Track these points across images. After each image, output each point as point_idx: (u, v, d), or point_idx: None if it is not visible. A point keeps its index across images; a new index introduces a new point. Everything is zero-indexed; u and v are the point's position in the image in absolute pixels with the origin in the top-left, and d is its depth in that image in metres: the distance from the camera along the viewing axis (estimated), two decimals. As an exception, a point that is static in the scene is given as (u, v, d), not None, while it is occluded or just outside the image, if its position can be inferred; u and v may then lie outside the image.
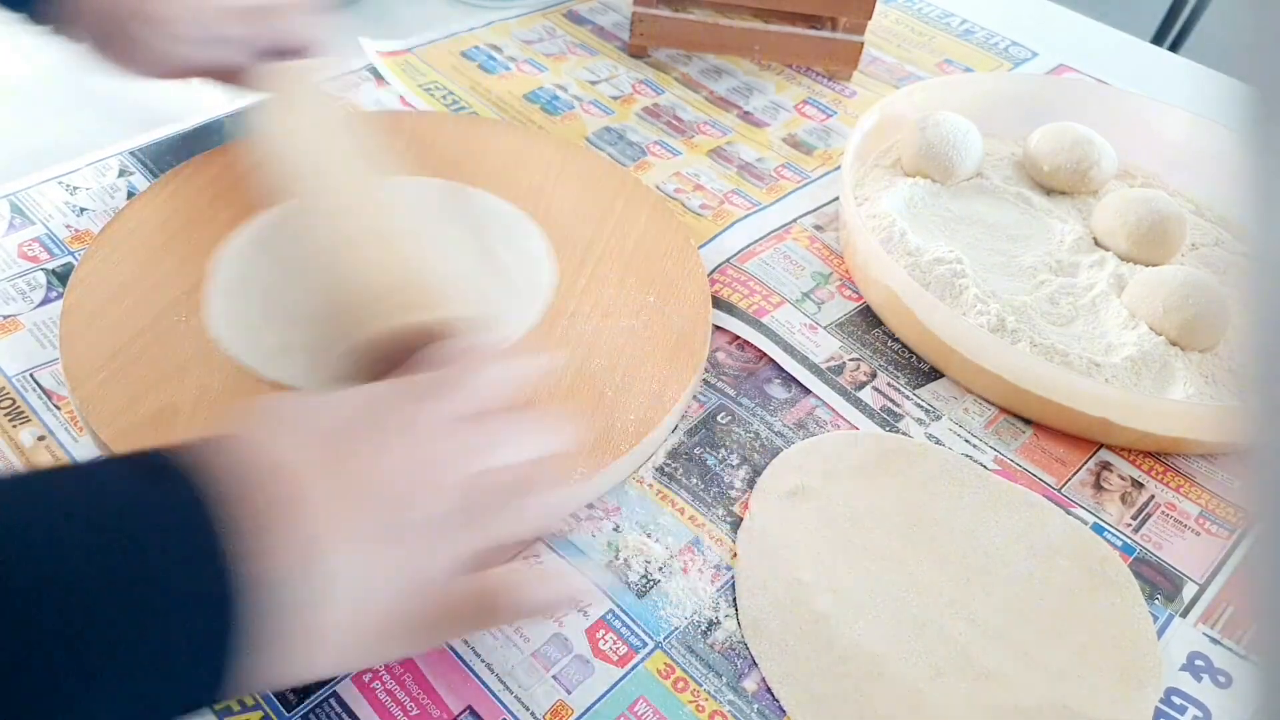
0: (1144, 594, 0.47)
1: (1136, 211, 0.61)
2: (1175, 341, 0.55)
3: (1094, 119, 0.68)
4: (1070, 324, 0.57)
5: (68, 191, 0.61)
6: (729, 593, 0.45)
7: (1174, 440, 0.52)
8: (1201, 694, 0.44)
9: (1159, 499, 0.51)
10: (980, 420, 0.54)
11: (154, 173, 0.62)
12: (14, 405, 0.49)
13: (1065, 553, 0.48)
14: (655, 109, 0.73)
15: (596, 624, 0.43)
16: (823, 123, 0.74)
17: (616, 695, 0.41)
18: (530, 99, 0.73)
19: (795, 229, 0.64)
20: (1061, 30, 0.89)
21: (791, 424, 0.53)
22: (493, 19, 0.81)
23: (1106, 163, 0.66)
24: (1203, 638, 0.46)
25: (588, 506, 0.48)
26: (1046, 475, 0.52)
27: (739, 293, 0.59)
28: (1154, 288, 0.57)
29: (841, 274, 0.61)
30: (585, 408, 0.49)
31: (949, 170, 0.64)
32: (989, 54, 0.84)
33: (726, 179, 0.68)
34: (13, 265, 0.56)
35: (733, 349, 0.56)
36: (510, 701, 0.40)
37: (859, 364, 0.56)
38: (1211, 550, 0.49)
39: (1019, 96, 0.71)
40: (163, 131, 0.65)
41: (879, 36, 0.84)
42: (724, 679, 0.42)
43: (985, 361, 0.53)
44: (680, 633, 0.44)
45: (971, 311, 0.56)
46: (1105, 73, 0.82)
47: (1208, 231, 0.66)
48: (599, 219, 0.60)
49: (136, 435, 0.46)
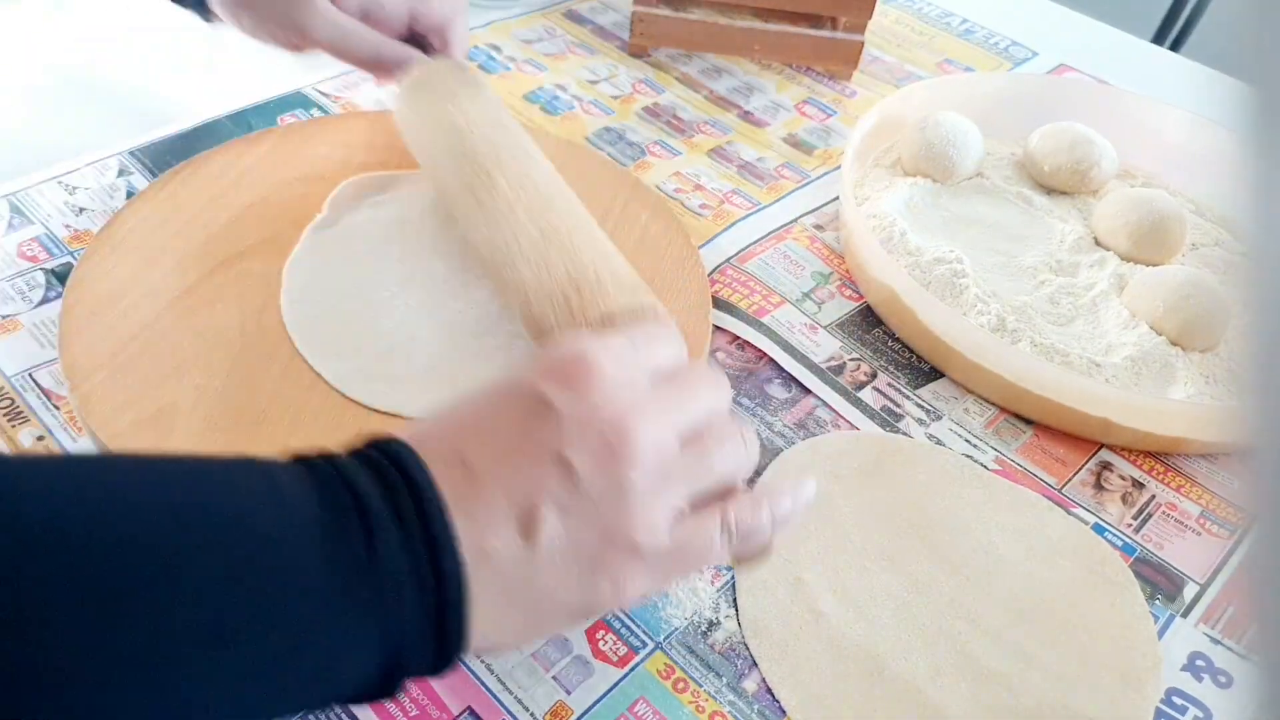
0: (1145, 594, 0.47)
1: (1137, 211, 0.61)
2: (1176, 341, 0.55)
3: (1094, 119, 0.68)
4: (1070, 324, 0.57)
5: (67, 191, 0.61)
6: (729, 593, 0.45)
7: (1174, 440, 0.52)
8: (1202, 694, 0.43)
9: (1160, 499, 0.51)
10: (981, 420, 0.54)
11: (153, 172, 0.62)
12: (13, 405, 0.49)
13: (1066, 553, 0.48)
14: (655, 109, 0.73)
15: (596, 624, 0.43)
16: (823, 122, 0.74)
17: (616, 696, 0.41)
18: (530, 99, 0.73)
19: (795, 229, 0.64)
20: (1061, 30, 0.89)
21: (792, 424, 0.52)
22: (492, 19, 0.81)
23: (1107, 163, 0.66)
24: (1203, 638, 0.46)
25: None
26: (1047, 475, 0.52)
27: (739, 293, 0.59)
28: (1154, 288, 0.57)
29: (842, 274, 0.61)
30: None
31: (949, 170, 0.64)
32: (989, 54, 0.84)
33: (726, 179, 0.68)
34: (12, 265, 0.56)
35: (733, 349, 0.56)
36: (510, 702, 0.40)
37: (859, 364, 0.56)
38: (1212, 550, 0.49)
39: (1019, 96, 0.71)
40: (162, 131, 0.65)
41: (879, 36, 0.84)
42: (724, 679, 0.42)
43: (986, 361, 0.53)
44: (680, 633, 0.43)
45: (972, 311, 0.56)
46: (1105, 73, 0.82)
47: (1208, 231, 0.66)
48: (599, 219, 0.60)
49: (135, 435, 0.46)
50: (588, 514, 0.33)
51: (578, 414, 0.34)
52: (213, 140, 0.64)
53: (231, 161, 0.60)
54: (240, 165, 0.60)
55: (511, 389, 0.35)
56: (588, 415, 0.34)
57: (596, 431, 0.33)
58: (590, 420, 0.34)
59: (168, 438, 0.46)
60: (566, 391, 0.34)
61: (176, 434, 0.46)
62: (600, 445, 0.33)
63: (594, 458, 0.33)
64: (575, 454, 0.33)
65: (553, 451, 0.33)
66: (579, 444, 0.33)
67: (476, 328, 0.53)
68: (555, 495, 0.33)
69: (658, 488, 0.34)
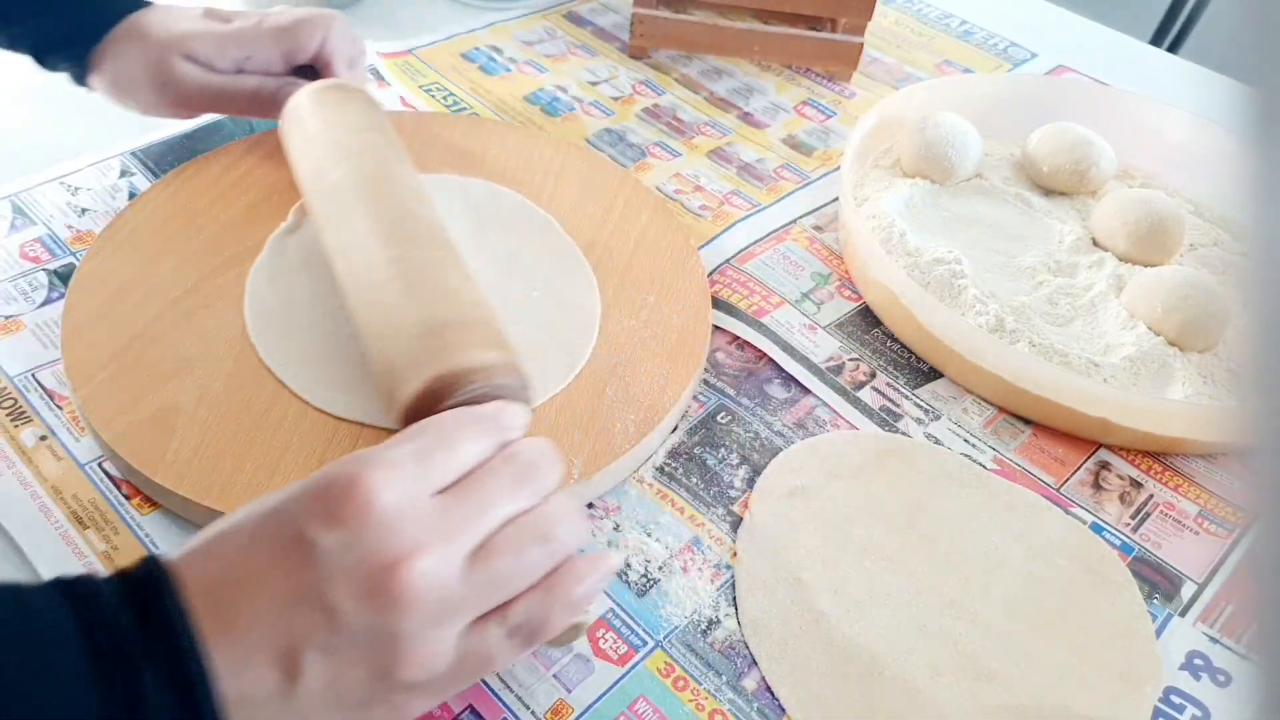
0: (1143, 593, 0.47)
1: (1135, 212, 0.61)
2: (1174, 341, 0.56)
3: (1093, 119, 0.68)
4: (1069, 324, 0.57)
5: (69, 192, 0.61)
6: (729, 592, 0.45)
7: (1173, 440, 0.52)
8: (1200, 693, 0.44)
9: (1158, 498, 0.52)
10: (979, 420, 0.54)
11: (155, 173, 0.62)
12: (16, 405, 0.49)
13: (1064, 552, 0.48)
14: (655, 110, 0.73)
15: (597, 623, 0.43)
16: (822, 123, 0.74)
17: (617, 694, 0.41)
18: (531, 100, 0.73)
19: (795, 229, 0.65)
20: (1061, 31, 0.89)
21: (791, 424, 0.53)
22: (493, 20, 0.81)
23: (1105, 163, 0.66)
24: (1202, 637, 0.46)
25: (588, 506, 0.48)
26: (1045, 475, 0.52)
27: (739, 293, 0.59)
28: (1153, 288, 0.57)
29: (841, 274, 0.62)
30: (585, 407, 0.49)
31: (948, 171, 0.64)
32: (988, 55, 0.84)
33: (726, 180, 0.68)
34: (14, 266, 0.56)
35: (732, 349, 0.56)
36: (511, 701, 0.41)
37: (858, 364, 0.56)
38: (1210, 549, 0.50)
39: (1018, 97, 0.71)
40: (164, 132, 0.65)
41: (878, 37, 0.84)
42: (724, 678, 0.42)
43: (984, 361, 0.53)
44: (680, 632, 0.44)
45: (970, 312, 0.56)
46: (1104, 73, 0.82)
47: (1207, 232, 0.66)
48: (599, 220, 0.60)
49: (138, 435, 0.46)
50: (355, 656, 0.32)
51: (343, 557, 0.32)
52: (215, 141, 0.65)
53: (233, 163, 0.60)
54: (242, 166, 0.60)
55: (275, 522, 0.33)
56: (353, 559, 0.32)
57: (363, 575, 0.31)
58: (356, 564, 0.32)
59: (169, 438, 0.46)
60: (333, 530, 0.32)
61: (178, 434, 0.46)
62: (367, 590, 0.31)
63: (360, 603, 0.31)
64: (340, 599, 0.31)
65: (316, 595, 0.31)
66: (343, 589, 0.31)
67: None
68: (317, 639, 0.31)
69: (435, 623, 0.33)
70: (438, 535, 0.33)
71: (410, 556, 0.32)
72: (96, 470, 0.47)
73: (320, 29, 0.58)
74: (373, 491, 0.32)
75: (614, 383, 0.51)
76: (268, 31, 0.58)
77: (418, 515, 0.33)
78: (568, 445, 0.48)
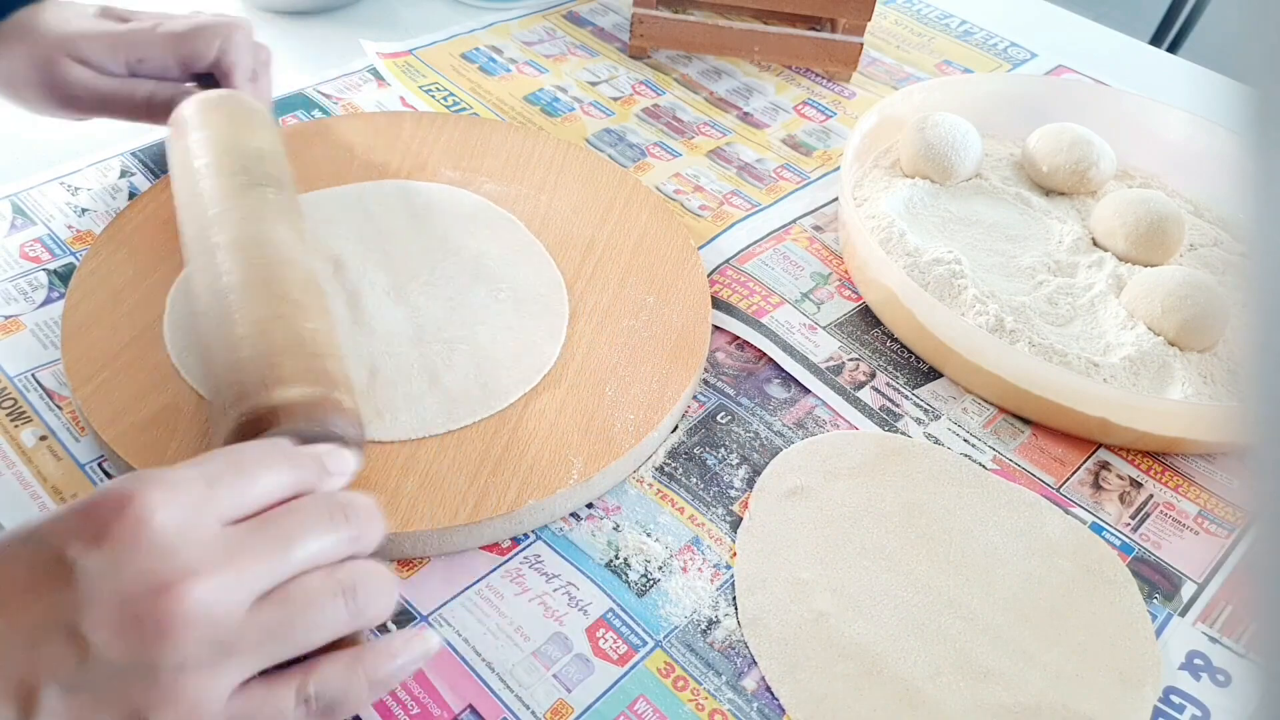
0: (1142, 593, 0.47)
1: (1135, 212, 0.61)
2: (1174, 341, 0.56)
3: (1092, 120, 0.68)
4: (1069, 324, 0.57)
5: (69, 192, 0.61)
6: (729, 592, 0.45)
7: (1172, 440, 0.52)
8: (1200, 693, 0.44)
9: (1157, 498, 0.52)
10: (979, 420, 0.54)
11: (155, 173, 0.62)
12: (15, 405, 0.49)
13: (1064, 552, 0.48)
14: (655, 110, 0.74)
15: (597, 623, 0.43)
16: (822, 124, 0.74)
17: (617, 694, 0.41)
18: (531, 100, 0.73)
19: (794, 229, 0.65)
20: (1060, 31, 0.89)
21: (791, 424, 0.53)
22: (493, 20, 0.81)
23: (1105, 163, 0.66)
24: (1201, 637, 0.46)
25: (588, 506, 0.48)
26: (1045, 475, 0.52)
27: (739, 293, 0.59)
28: (1152, 288, 0.57)
29: (841, 274, 0.62)
30: (585, 407, 0.50)
31: (948, 171, 0.64)
32: (988, 55, 0.84)
33: (726, 180, 0.68)
34: (14, 266, 0.56)
35: (732, 349, 0.56)
36: (511, 700, 0.41)
37: (858, 364, 0.56)
38: (1210, 549, 0.50)
39: (1018, 97, 0.71)
40: (164, 132, 0.65)
41: (878, 37, 0.84)
42: (724, 678, 0.42)
43: (984, 361, 0.53)
44: (680, 631, 0.44)
45: (970, 312, 0.56)
46: (1104, 73, 0.82)
47: (1206, 232, 0.66)
48: (599, 220, 0.60)
49: (138, 435, 0.46)
50: (104, 696, 0.29)
51: (104, 581, 0.29)
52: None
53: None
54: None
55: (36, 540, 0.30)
56: (116, 584, 0.29)
57: (123, 602, 0.29)
58: (117, 589, 0.29)
59: (169, 438, 0.46)
60: (95, 550, 0.29)
61: (178, 434, 0.46)
62: (127, 619, 0.28)
63: (116, 634, 0.28)
64: (92, 629, 0.28)
65: (64, 623, 0.28)
66: (99, 616, 0.28)
67: (417, 335, 0.51)
68: (60, 674, 0.28)
69: (205, 664, 0.29)
70: (220, 563, 0.30)
71: (183, 580, 0.29)
72: (96, 470, 0.47)
73: (218, 37, 0.56)
74: (147, 509, 0.29)
75: (614, 383, 0.51)
76: (162, 36, 0.56)
77: (199, 539, 0.30)
78: (568, 445, 0.48)
